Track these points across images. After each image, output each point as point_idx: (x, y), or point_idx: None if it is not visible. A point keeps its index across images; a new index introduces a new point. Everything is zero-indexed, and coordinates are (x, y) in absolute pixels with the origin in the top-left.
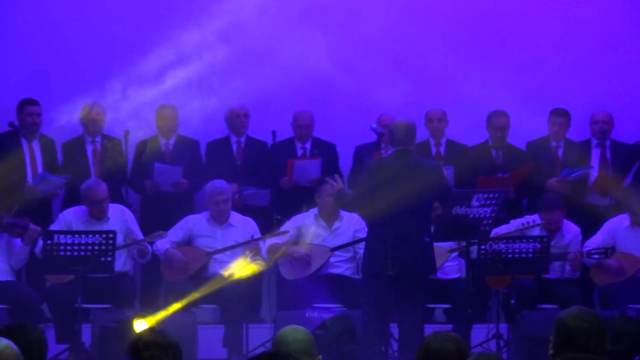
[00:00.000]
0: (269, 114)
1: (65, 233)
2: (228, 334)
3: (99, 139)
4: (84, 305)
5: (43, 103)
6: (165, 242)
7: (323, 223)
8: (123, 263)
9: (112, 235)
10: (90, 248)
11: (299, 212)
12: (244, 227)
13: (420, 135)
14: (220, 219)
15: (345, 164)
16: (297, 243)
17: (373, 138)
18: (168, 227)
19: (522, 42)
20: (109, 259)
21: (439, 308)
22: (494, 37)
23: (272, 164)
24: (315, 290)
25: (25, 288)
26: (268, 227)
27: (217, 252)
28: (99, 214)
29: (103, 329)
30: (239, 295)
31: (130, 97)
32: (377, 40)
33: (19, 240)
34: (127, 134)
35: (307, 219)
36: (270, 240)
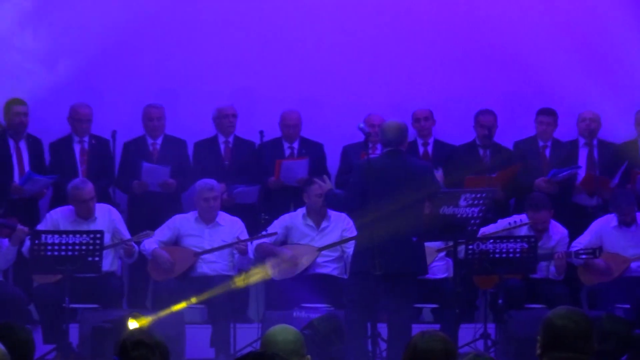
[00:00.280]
0: (257, 114)
1: (53, 233)
2: (215, 334)
3: (87, 139)
4: (72, 305)
5: (30, 103)
6: (153, 241)
7: (311, 223)
8: (110, 263)
9: (99, 235)
10: (78, 248)
11: (287, 211)
12: (232, 226)
13: (409, 136)
14: (208, 218)
15: (333, 164)
16: (285, 243)
17: (361, 138)
18: (155, 227)
19: (509, 41)
20: (97, 259)
21: (427, 308)
22: (482, 36)
23: (259, 164)
24: (303, 290)
25: (13, 288)
26: (255, 226)
27: (204, 252)
28: (86, 214)
29: (91, 329)
30: (227, 295)
31: (118, 96)
32: (364, 40)
33: (6, 241)
34: (114, 134)
35: (294, 219)
36: (258, 241)
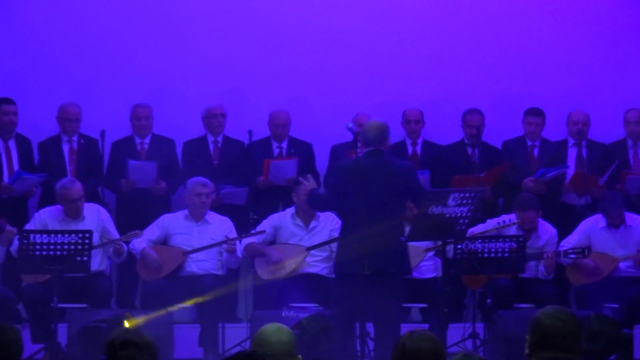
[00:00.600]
0: (246, 114)
1: (41, 232)
2: (204, 334)
3: (76, 139)
4: (60, 305)
5: (19, 102)
6: (142, 241)
7: (300, 222)
8: (99, 262)
9: (88, 235)
10: (67, 247)
11: (275, 211)
12: (221, 225)
13: (397, 135)
14: (198, 215)
15: (322, 164)
16: (273, 242)
17: (349, 138)
18: (144, 226)
19: (498, 41)
20: (85, 259)
21: (415, 307)
22: (470, 36)
23: (248, 164)
24: (292, 290)
25: (1, 287)
26: (244, 226)
27: (193, 251)
28: (74, 213)
29: (79, 329)
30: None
31: (107, 96)
32: (353, 40)
33: None
34: (103, 134)
35: (283, 219)
36: (247, 240)
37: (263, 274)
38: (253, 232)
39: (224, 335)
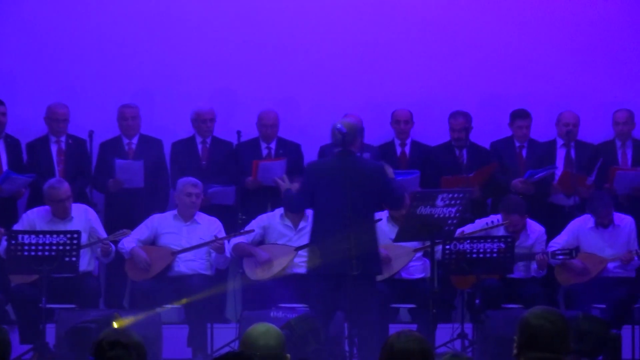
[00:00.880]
0: (234, 114)
1: (30, 233)
2: (193, 334)
3: (64, 139)
4: (49, 306)
5: (8, 103)
6: (132, 240)
7: (289, 223)
8: (87, 263)
9: (76, 235)
10: (55, 248)
11: (264, 211)
12: (209, 226)
13: (386, 136)
14: (188, 215)
15: None
16: (262, 243)
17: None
18: (132, 226)
19: (486, 41)
20: (74, 259)
21: (404, 308)
22: (459, 36)
23: (237, 164)
24: (280, 290)
25: None
26: (233, 226)
27: (182, 251)
28: (62, 214)
29: (67, 329)
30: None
31: (96, 96)
32: (341, 41)
33: None
34: (91, 134)
35: (272, 219)
36: (235, 240)
37: (251, 274)
38: (242, 231)
39: (213, 336)
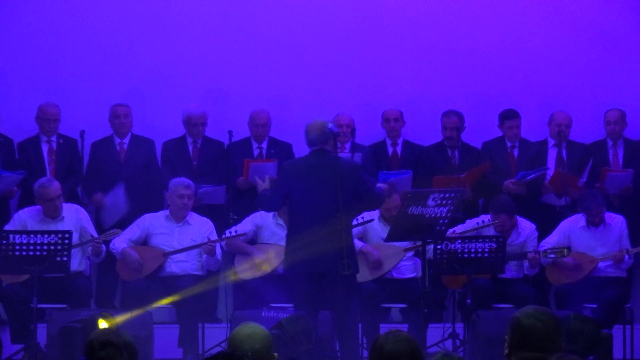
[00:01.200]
0: (226, 114)
1: (21, 233)
2: (184, 334)
3: (55, 139)
4: (40, 305)
5: (0, 102)
6: (123, 240)
7: (282, 222)
8: (78, 262)
9: (67, 235)
10: (46, 248)
11: (255, 211)
12: (201, 227)
13: (377, 136)
14: (180, 216)
15: None
16: (255, 241)
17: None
18: (123, 226)
19: (478, 41)
20: (65, 259)
21: (395, 308)
22: (450, 37)
23: (228, 164)
24: (272, 290)
25: None
26: (224, 226)
27: (174, 252)
28: (53, 213)
29: (59, 329)
30: (195, 295)
31: (87, 96)
32: (333, 41)
33: None
34: (83, 134)
35: (265, 218)
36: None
37: (243, 274)
38: (234, 234)
39: (204, 336)
